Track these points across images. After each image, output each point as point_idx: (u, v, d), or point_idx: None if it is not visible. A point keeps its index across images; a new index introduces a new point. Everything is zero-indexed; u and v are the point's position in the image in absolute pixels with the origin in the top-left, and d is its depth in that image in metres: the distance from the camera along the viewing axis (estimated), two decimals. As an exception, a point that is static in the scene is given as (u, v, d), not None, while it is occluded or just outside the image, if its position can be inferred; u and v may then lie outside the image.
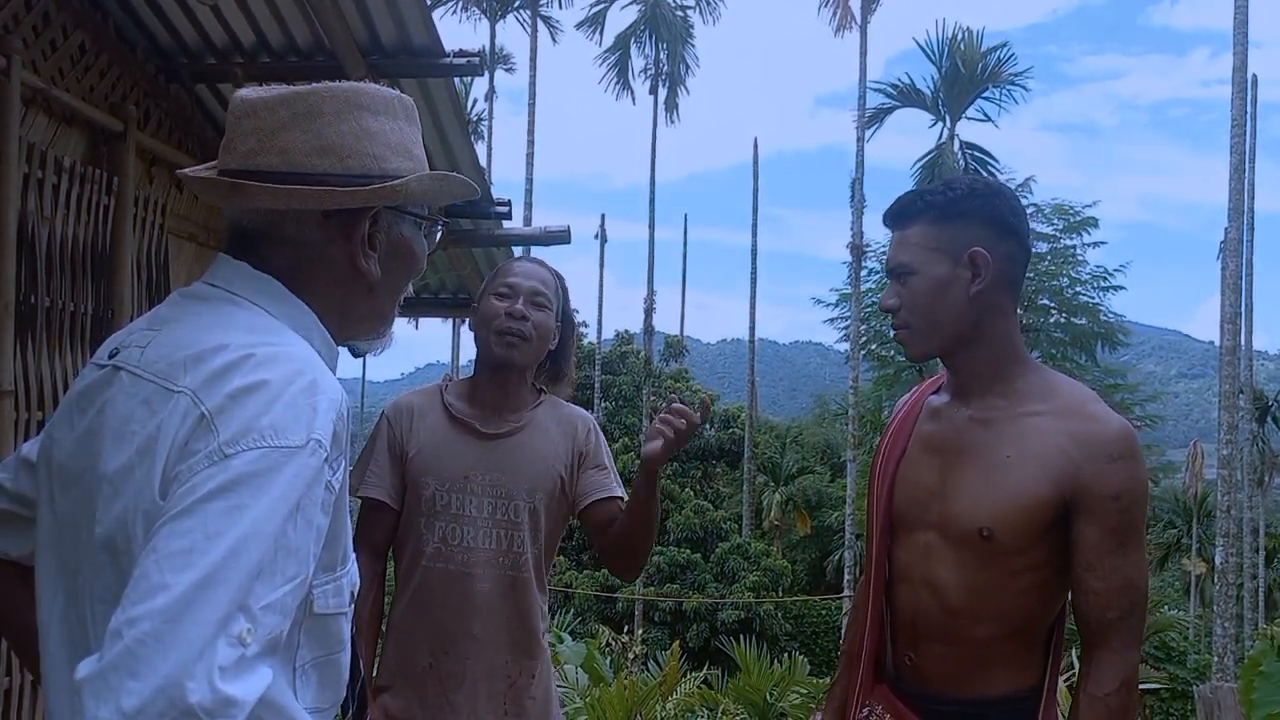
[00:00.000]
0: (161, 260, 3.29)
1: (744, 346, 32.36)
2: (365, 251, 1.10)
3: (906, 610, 1.71)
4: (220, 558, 0.84)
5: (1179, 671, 18.05)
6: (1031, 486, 1.56)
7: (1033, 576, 1.60)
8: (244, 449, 0.90)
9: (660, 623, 20.77)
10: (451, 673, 2.11)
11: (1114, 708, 1.54)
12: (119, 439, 0.96)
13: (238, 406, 0.92)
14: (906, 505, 1.72)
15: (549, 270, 2.22)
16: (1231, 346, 16.13)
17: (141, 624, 0.81)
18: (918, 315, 1.66)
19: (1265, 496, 25.54)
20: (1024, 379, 1.65)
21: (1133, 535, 1.57)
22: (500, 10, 30.23)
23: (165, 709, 0.78)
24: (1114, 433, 1.56)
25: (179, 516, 0.86)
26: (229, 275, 1.08)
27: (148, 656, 0.79)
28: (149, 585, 0.83)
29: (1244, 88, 15.91)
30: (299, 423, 0.93)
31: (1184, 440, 39.10)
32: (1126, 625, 1.56)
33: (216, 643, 0.81)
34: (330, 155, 1.06)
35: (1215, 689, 3.92)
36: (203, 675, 0.80)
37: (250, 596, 0.85)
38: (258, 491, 0.88)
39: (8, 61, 2.46)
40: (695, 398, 2.29)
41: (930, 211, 1.65)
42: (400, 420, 2.20)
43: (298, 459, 0.92)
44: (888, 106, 22.44)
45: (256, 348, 0.97)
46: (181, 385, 0.95)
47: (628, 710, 5.58)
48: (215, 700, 0.80)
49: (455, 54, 3.08)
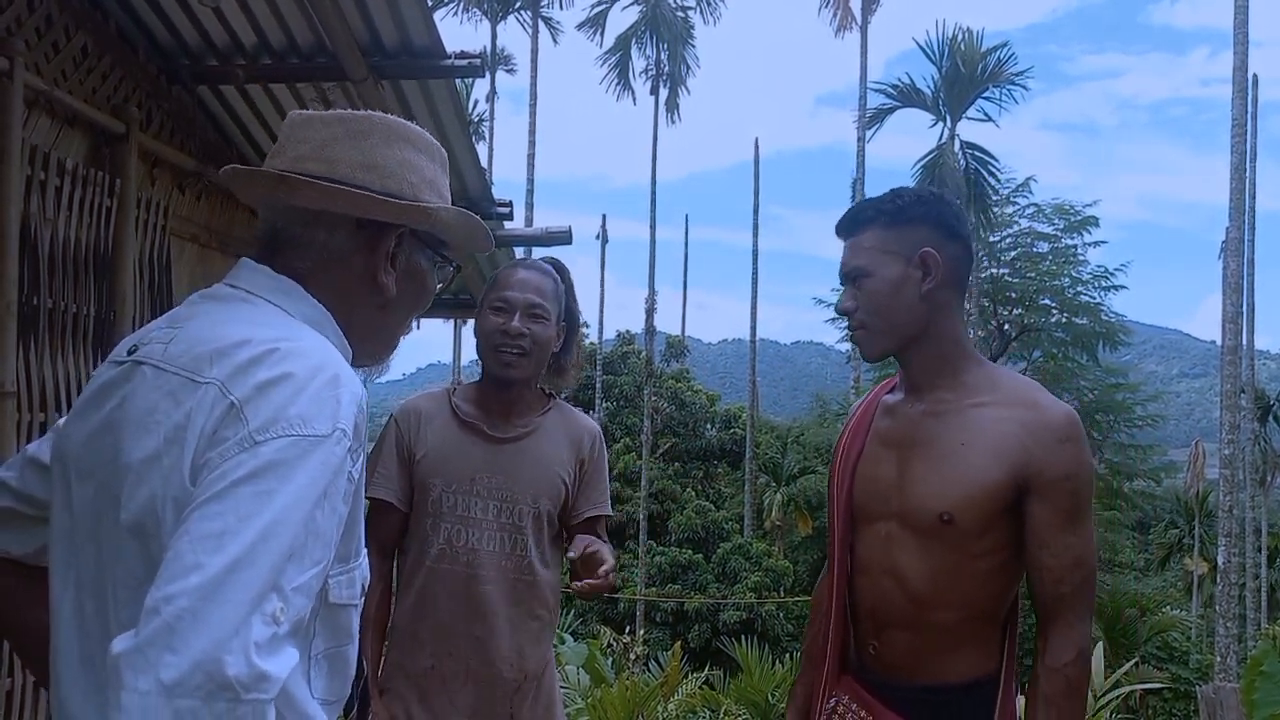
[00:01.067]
0: (163, 262, 3.30)
1: (745, 346, 32.36)
2: (387, 266, 1.17)
3: (869, 600, 1.77)
4: (253, 539, 0.87)
5: (1181, 672, 18.04)
6: (987, 472, 1.64)
7: (990, 559, 1.68)
8: (273, 436, 0.93)
9: (662, 623, 20.77)
10: (455, 673, 2.12)
11: (1071, 678, 1.63)
12: (143, 429, 0.99)
13: (265, 397, 0.96)
14: (867, 499, 1.79)
15: (548, 274, 2.21)
16: (1233, 346, 16.12)
17: (178, 601, 0.84)
18: (874, 315, 1.74)
19: (1267, 496, 25.52)
20: (970, 373, 1.74)
21: (1082, 513, 1.66)
22: (501, 11, 30.23)
23: (203, 681, 0.81)
24: (1061, 418, 1.66)
25: (211, 500, 0.90)
26: (249, 277, 1.12)
27: (184, 632, 0.82)
28: (183, 565, 0.86)
29: (1244, 87, 15.90)
30: (324, 413, 0.97)
31: (1185, 440, 39.07)
32: (1079, 599, 1.65)
33: (252, 619, 0.85)
34: (373, 172, 1.14)
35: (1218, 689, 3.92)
36: (239, 650, 0.83)
37: (283, 577, 0.88)
38: (286, 477, 0.92)
39: (10, 63, 2.47)
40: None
41: (881, 218, 1.74)
42: (408, 423, 2.21)
43: (324, 447, 0.95)
44: (888, 106, 22.41)
45: (280, 342, 1.01)
46: (208, 377, 0.98)
47: (629, 711, 5.58)
48: (251, 675, 0.83)
49: (456, 55, 3.08)
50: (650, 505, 23.15)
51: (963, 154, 20.99)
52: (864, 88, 22.90)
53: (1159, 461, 24.73)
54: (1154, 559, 31.16)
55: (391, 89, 3.21)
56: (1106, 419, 22.68)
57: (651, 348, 25.93)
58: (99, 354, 2.93)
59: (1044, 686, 1.64)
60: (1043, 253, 23.03)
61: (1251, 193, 18.24)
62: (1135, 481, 24.03)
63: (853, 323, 1.77)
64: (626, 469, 23.50)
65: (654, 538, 23.19)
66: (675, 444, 25.45)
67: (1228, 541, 15.83)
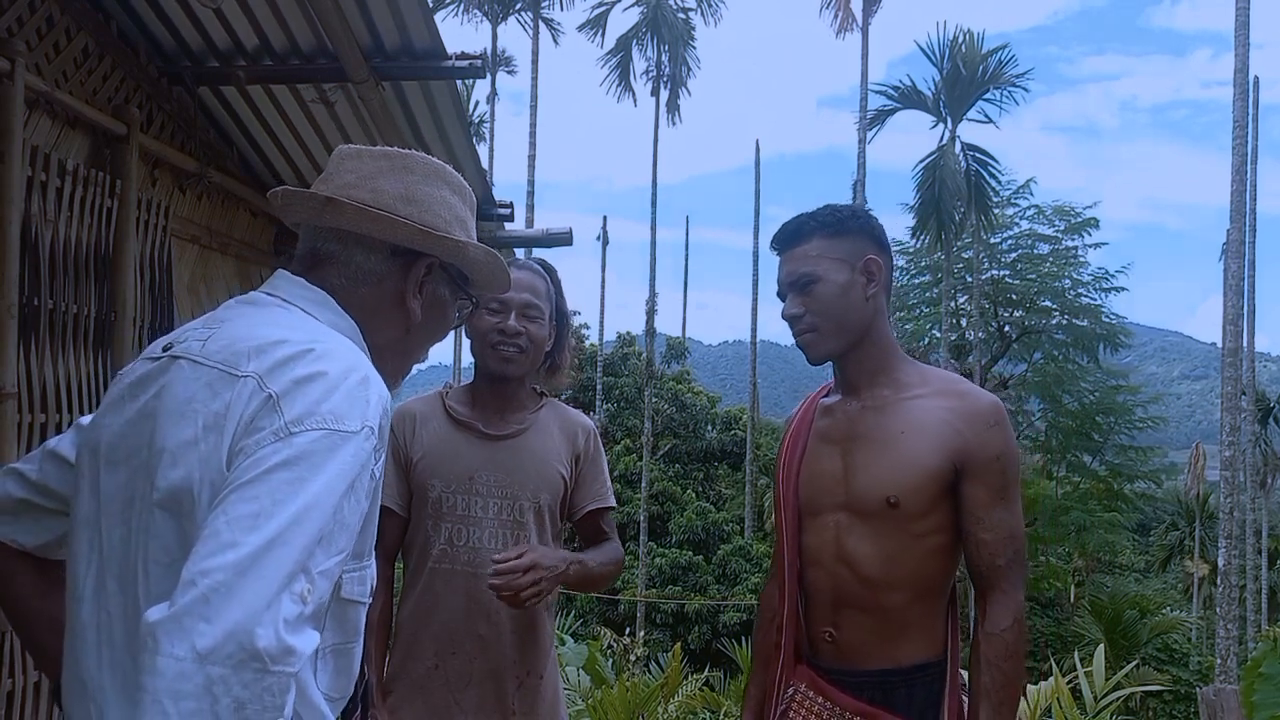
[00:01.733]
0: (164, 262, 3.30)
1: (746, 348, 32.34)
2: (415, 292, 1.26)
3: (824, 590, 1.87)
4: (286, 522, 0.93)
5: (1182, 673, 18.04)
6: (927, 456, 1.78)
7: (933, 539, 1.81)
8: (307, 429, 1.00)
9: (662, 625, 20.76)
10: (458, 673, 2.12)
11: (1010, 641, 1.77)
12: (180, 416, 1.05)
13: (301, 392, 1.02)
14: (814, 493, 1.90)
15: (539, 274, 2.24)
16: (1234, 348, 16.11)
17: (215, 574, 0.89)
18: (825, 318, 1.85)
19: (1268, 498, 25.50)
20: (903, 370, 1.89)
21: (1012, 491, 1.80)
22: (502, 12, 30.23)
23: (235, 650, 0.86)
24: (988, 404, 1.82)
25: (247, 485, 0.95)
26: (285, 287, 1.21)
27: (219, 603, 0.88)
28: (219, 543, 0.91)
29: (1245, 89, 15.90)
30: (355, 410, 1.03)
31: (1186, 442, 39.05)
32: (1013, 569, 1.80)
33: (282, 597, 0.90)
34: (414, 205, 1.24)
35: (1218, 691, 3.92)
36: (270, 623, 0.88)
37: (311, 560, 0.94)
38: (318, 468, 0.98)
39: (11, 65, 2.47)
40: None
41: (824, 229, 1.87)
42: (403, 427, 2.21)
43: (354, 442, 1.02)
44: (889, 108, 22.43)
45: (315, 343, 1.09)
46: (247, 371, 1.05)
47: (630, 712, 5.58)
48: (280, 647, 0.88)
49: (457, 56, 3.08)
50: (651, 507, 23.14)
51: (963, 155, 21.00)
52: (865, 89, 22.89)
53: (1159, 463, 24.74)
54: (1154, 561, 31.13)
55: (393, 90, 3.21)
56: (1107, 421, 22.70)
57: (652, 349, 25.92)
58: (100, 355, 2.93)
59: (985, 650, 1.76)
60: (1043, 254, 23.05)
61: (1252, 194, 18.23)
62: (1136, 483, 24.04)
63: (801, 326, 1.87)
64: (627, 470, 23.49)
65: (654, 539, 23.18)
66: (676, 445, 25.44)
67: (1228, 543, 15.82)
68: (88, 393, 2.86)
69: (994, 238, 22.95)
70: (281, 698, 0.89)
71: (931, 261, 22.88)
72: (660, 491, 23.94)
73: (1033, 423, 23.99)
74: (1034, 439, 24.04)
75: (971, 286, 22.15)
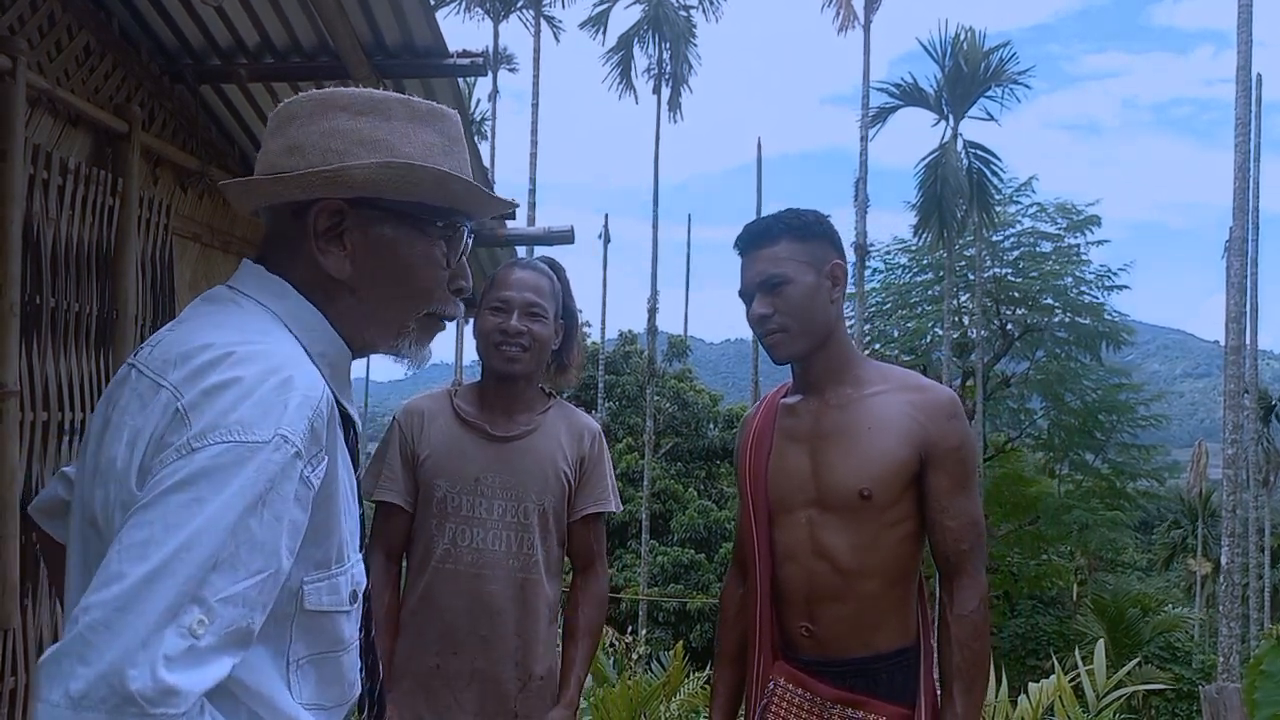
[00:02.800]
0: (166, 261, 3.30)
1: (747, 346, 32.31)
2: (321, 246, 1.09)
3: (800, 584, 1.92)
4: (173, 550, 0.85)
5: (1184, 672, 18.02)
6: (895, 449, 1.85)
7: (901, 528, 1.88)
8: (210, 443, 0.91)
9: (664, 623, 20.76)
10: (460, 673, 2.12)
11: (978, 622, 1.86)
12: (117, 431, 0.99)
13: (210, 402, 0.94)
14: (784, 491, 1.94)
15: (544, 273, 2.22)
16: (1236, 346, 16.09)
17: (94, 612, 0.83)
18: (795, 318, 1.89)
19: (1270, 496, 25.46)
20: (863, 369, 1.96)
21: (971, 480, 1.89)
22: (503, 10, 30.22)
23: (107, 695, 0.80)
24: (947, 398, 1.91)
25: (144, 509, 0.88)
26: (244, 277, 1.12)
27: (96, 643, 0.81)
28: (107, 575, 0.85)
29: (1248, 86, 15.86)
30: (268, 419, 0.94)
31: (1189, 440, 39.02)
32: (976, 554, 1.88)
33: (164, 632, 0.83)
34: (296, 154, 1.08)
35: (1221, 689, 3.91)
36: (145, 664, 0.81)
37: (204, 588, 0.86)
38: (219, 485, 0.89)
39: (13, 63, 2.47)
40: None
41: (791, 232, 1.91)
42: (411, 424, 2.21)
43: (262, 454, 0.92)
44: (891, 106, 22.38)
45: (239, 346, 0.99)
46: (167, 381, 0.98)
47: (631, 710, 5.57)
48: (156, 689, 0.81)
49: (459, 54, 3.08)
50: (652, 505, 23.14)
51: (965, 153, 20.96)
52: (867, 87, 22.85)
53: (1162, 462, 24.68)
54: (1157, 559, 31.11)
55: (394, 88, 3.21)
56: (1110, 419, 22.65)
57: (654, 347, 25.91)
58: (101, 353, 2.94)
59: (955, 632, 1.85)
60: (1046, 252, 23.00)
61: (1255, 192, 18.20)
62: (1139, 481, 24.00)
63: (770, 326, 1.90)
64: (629, 469, 23.48)
65: (656, 537, 23.18)
66: (678, 444, 25.43)
67: (1231, 541, 15.80)
68: (89, 391, 2.86)
69: (996, 236, 22.90)
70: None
71: (933, 259, 22.85)
72: (662, 490, 23.93)
73: (1035, 421, 23.97)
74: (1036, 437, 24.01)
75: (973, 284, 22.12)
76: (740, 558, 2.09)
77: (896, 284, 24.22)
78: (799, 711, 1.89)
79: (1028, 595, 22.02)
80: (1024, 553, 22.32)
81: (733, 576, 2.14)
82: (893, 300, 24.22)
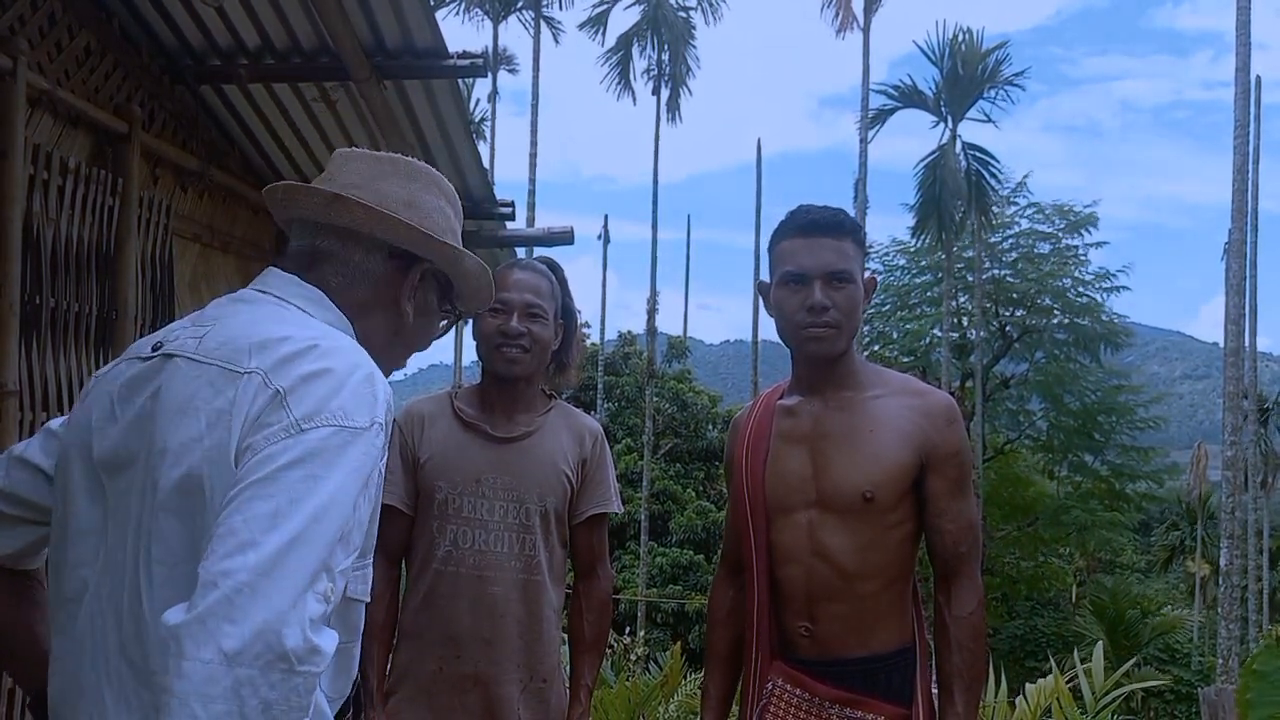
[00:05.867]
0: (166, 261, 3.30)
1: (747, 347, 32.32)
2: (409, 296, 1.25)
3: (799, 585, 1.91)
4: (306, 521, 0.93)
5: (1183, 673, 18.03)
6: (898, 452, 1.86)
7: (900, 530, 1.89)
8: (317, 425, 0.98)
9: (662, 624, 20.76)
10: (462, 676, 2.11)
11: (975, 623, 1.87)
12: (181, 414, 1.03)
13: (309, 388, 1.01)
14: (783, 493, 1.94)
15: (543, 274, 2.21)
16: (1235, 348, 16.10)
17: (237, 575, 0.88)
18: (848, 318, 1.89)
19: (1269, 498, 25.47)
20: (863, 372, 1.97)
21: (968, 484, 1.92)
22: (503, 11, 30.22)
23: (263, 651, 0.86)
24: (946, 403, 1.92)
25: (261, 482, 0.94)
26: (278, 284, 1.18)
27: (244, 604, 0.87)
28: (238, 542, 0.90)
29: (1247, 89, 15.87)
30: (363, 407, 1.03)
31: (1188, 442, 39.03)
32: (973, 556, 1.90)
33: (307, 596, 0.90)
34: (414, 211, 1.24)
35: (1219, 691, 3.92)
36: (296, 624, 0.88)
37: (332, 558, 0.93)
38: (330, 465, 0.97)
39: (13, 63, 2.47)
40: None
41: (855, 234, 1.92)
42: (411, 427, 2.20)
43: (364, 439, 1.01)
44: (890, 107, 22.39)
45: (319, 339, 1.07)
46: (249, 367, 1.03)
47: (630, 711, 5.57)
48: (306, 647, 0.88)
49: (459, 55, 3.08)
50: (651, 505, 23.14)
51: (964, 155, 20.98)
52: (866, 88, 22.85)
53: (1161, 463, 24.68)
54: (1156, 561, 31.10)
55: (394, 89, 3.21)
56: (1109, 421, 22.66)
57: (653, 348, 25.90)
58: (101, 353, 2.94)
59: (954, 633, 1.86)
60: (1044, 254, 23.01)
61: (1254, 194, 18.20)
62: (1137, 483, 24.00)
63: (826, 319, 1.87)
64: (628, 469, 23.46)
65: (655, 538, 23.17)
66: (677, 445, 25.42)
67: (1230, 543, 15.81)
68: (89, 391, 2.86)
69: (994, 237, 22.91)
70: (307, 698, 0.89)
71: (932, 261, 22.86)
72: (661, 490, 23.92)
73: (1034, 422, 23.96)
74: (1035, 438, 24.01)
75: (972, 286, 22.14)
76: (732, 559, 2.08)
77: (895, 285, 24.22)
78: (797, 711, 1.89)
79: (1026, 596, 22.02)
80: (1022, 554, 22.32)
81: (722, 578, 2.13)
82: (892, 302, 24.23)
